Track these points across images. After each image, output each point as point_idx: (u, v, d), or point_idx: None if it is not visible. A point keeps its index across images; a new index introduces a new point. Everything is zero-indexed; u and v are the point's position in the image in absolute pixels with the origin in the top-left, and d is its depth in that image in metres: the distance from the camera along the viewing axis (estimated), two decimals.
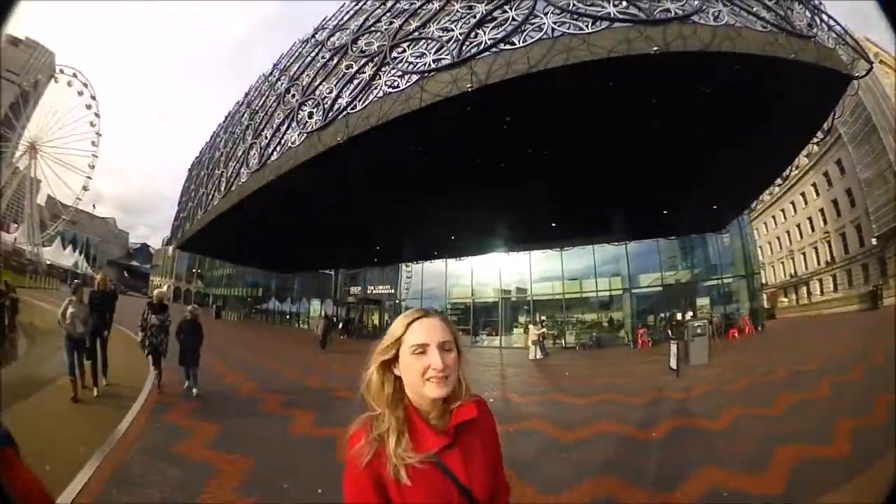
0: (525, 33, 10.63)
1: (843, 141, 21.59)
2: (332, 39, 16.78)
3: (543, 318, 19.99)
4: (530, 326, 18.19)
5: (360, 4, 17.61)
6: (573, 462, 5.87)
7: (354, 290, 27.18)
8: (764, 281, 23.60)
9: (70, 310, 7.64)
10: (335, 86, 13.82)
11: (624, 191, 15.25)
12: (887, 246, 18.06)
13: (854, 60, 12.79)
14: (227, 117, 27.91)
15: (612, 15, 10.38)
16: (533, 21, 10.77)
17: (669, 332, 17.29)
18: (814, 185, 23.28)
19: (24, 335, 14.18)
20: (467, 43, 11.01)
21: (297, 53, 20.16)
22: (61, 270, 47.34)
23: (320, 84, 14.92)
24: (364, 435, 1.15)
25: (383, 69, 12.43)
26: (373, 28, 14.65)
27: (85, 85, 43.01)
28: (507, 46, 10.51)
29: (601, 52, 9.86)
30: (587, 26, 10.25)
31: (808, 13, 12.19)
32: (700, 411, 8.52)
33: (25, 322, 15.05)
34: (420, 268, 24.77)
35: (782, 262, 24.22)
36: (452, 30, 11.62)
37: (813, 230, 22.37)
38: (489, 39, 10.65)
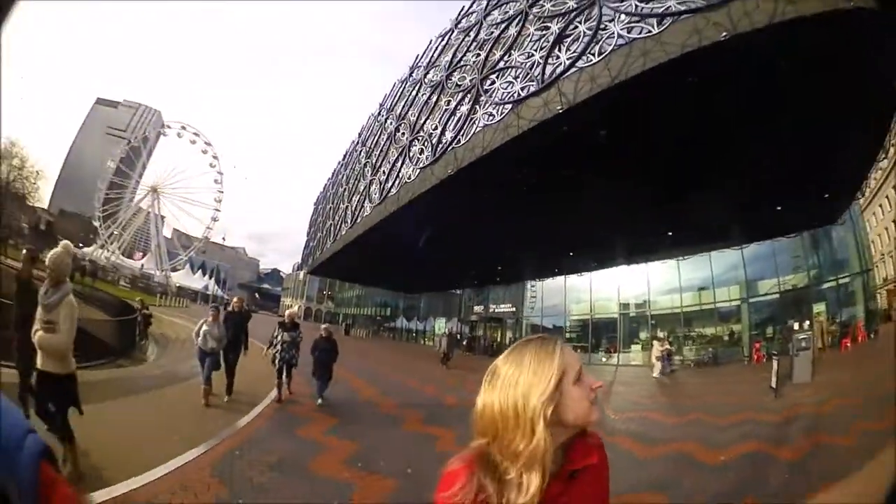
0: (600, 43, 11.09)
1: None
2: (428, 77, 18.80)
3: (665, 333, 19.16)
4: (654, 342, 17.64)
5: (445, 39, 19.55)
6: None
7: (478, 308, 28.09)
8: (884, 276, 21.57)
9: (204, 328, 8.32)
10: (439, 121, 15.66)
11: (732, 189, 14.44)
12: None
13: None
14: (345, 155, 31.72)
15: (673, 9, 10.37)
16: (603, 31, 11.20)
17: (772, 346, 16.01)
18: None
19: (154, 343, 17.90)
20: (549, 64, 11.88)
21: (399, 93, 22.56)
22: (191, 292, 55.35)
23: (426, 121, 16.86)
24: (463, 478, 0.98)
25: (479, 101, 13.80)
26: (462, 62, 16.24)
27: (196, 135, 50.59)
28: (586, 63, 11.07)
29: (675, 51, 9.90)
30: (654, 26, 10.40)
31: None
32: (782, 438, 7.86)
33: (157, 333, 18.97)
34: (541, 285, 25.24)
35: (892, 255, 21.72)
36: (533, 54, 12.60)
37: None
38: (568, 59, 11.40)
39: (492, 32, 15.27)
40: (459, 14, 19.65)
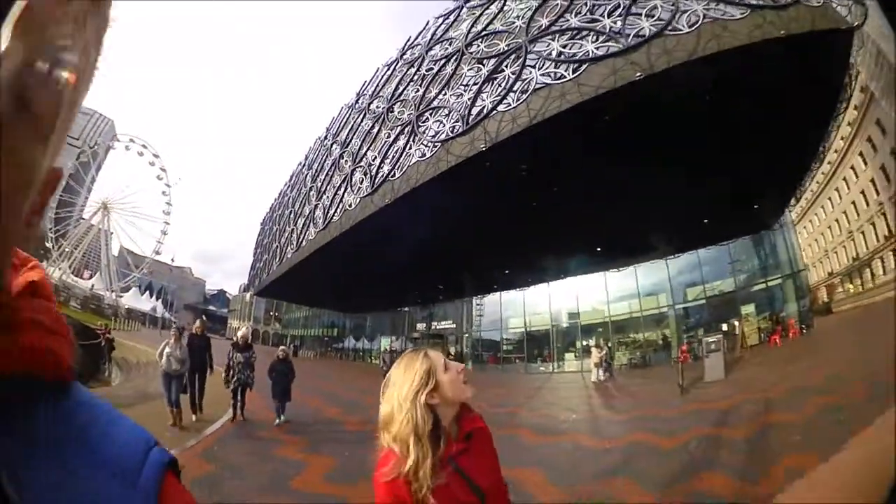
0: (524, 84, 12.21)
1: (876, 98, 20.04)
2: (372, 106, 19.68)
3: (602, 340, 20.17)
4: (592, 349, 18.30)
5: (391, 69, 20.47)
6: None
7: (420, 326, 29.13)
8: (819, 276, 22.29)
9: (167, 350, 8.35)
10: (378, 152, 16.54)
11: (660, 206, 15.73)
12: None
13: (851, 5, 11.72)
14: (291, 177, 31.90)
15: (591, 54, 11.51)
16: (527, 75, 12.32)
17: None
18: (861, 154, 21.68)
19: (118, 368, 17.79)
20: (476, 105, 13.00)
21: (345, 119, 23.34)
22: (140, 314, 53.33)
23: (367, 151, 17.74)
24: (394, 458, 1.32)
25: (414, 138, 14.82)
26: (402, 96, 17.26)
27: (144, 146, 49.09)
28: (504, 107, 12.17)
29: (590, 92, 10.99)
30: (569, 72, 11.55)
31: None
32: (664, 431, 8.50)
33: (118, 357, 18.73)
34: (481, 301, 26.49)
35: (843, 246, 22.99)
36: (463, 94, 13.76)
37: (868, 205, 21.02)
38: (491, 101, 12.48)
39: (431, 68, 16.37)
40: (405, 45, 20.73)
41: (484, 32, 14.85)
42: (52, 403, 0.42)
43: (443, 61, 15.91)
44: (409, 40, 20.97)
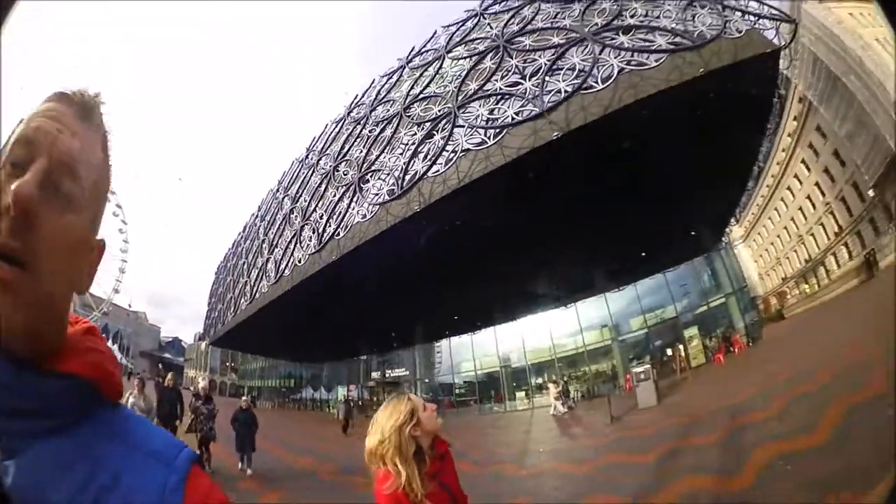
0: (455, 146, 13.43)
1: (814, 105, 21.29)
2: (320, 163, 20.65)
3: (557, 376, 20.98)
4: (550, 385, 19.28)
5: (338, 126, 21.45)
6: None
7: (375, 374, 29.65)
8: (773, 283, 23.49)
9: (131, 400, 8.26)
10: (325, 211, 17.41)
11: (599, 243, 16.66)
12: (885, 189, 17.16)
13: (779, 25, 12.55)
14: (245, 227, 32.21)
15: (512, 119, 12.57)
16: (454, 140, 13.56)
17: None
18: (803, 161, 22.90)
19: None
20: (409, 172, 14.12)
21: (296, 173, 24.17)
22: None
23: (315, 208, 18.61)
24: (389, 477, 1.77)
25: (356, 198, 15.83)
26: (347, 156, 18.27)
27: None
28: (434, 172, 13.34)
29: (512, 153, 12.08)
30: (490, 137, 12.74)
31: (709, 11, 12.40)
32: (575, 458, 9.57)
33: None
34: (432, 348, 27.26)
35: (795, 251, 23.80)
36: (399, 158, 15.11)
37: (815, 207, 22.00)
38: (423, 166, 13.69)
39: (373, 130, 17.51)
40: (352, 102, 21.85)
41: (421, 95, 16.10)
42: (111, 408, 0.61)
43: (384, 123, 17.05)
44: (355, 97, 22.02)
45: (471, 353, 25.01)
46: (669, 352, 19.42)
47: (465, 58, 15.84)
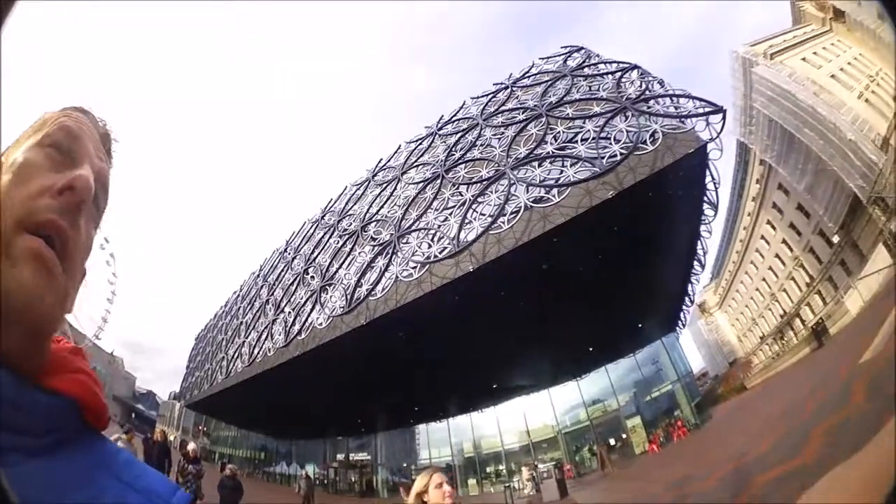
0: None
1: (773, 167, 22.49)
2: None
3: (528, 460, 21.14)
4: (523, 468, 19.69)
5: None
6: None
7: (339, 456, 30.27)
8: (752, 343, 25.04)
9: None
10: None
11: (547, 343, 16.96)
12: (851, 229, 17.60)
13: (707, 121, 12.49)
14: (242, 286, 31.46)
15: (434, 257, 13.74)
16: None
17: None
18: (768, 221, 24.29)
19: None
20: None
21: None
22: None
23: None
24: None
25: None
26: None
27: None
28: None
29: (438, 282, 13.20)
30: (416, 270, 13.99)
31: (627, 126, 12.84)
32: None
33: None
34: (391, 436, 27.78)
35: (769, 309, 25.02)
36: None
37: (784, 264, 23.07)
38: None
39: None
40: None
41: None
42: (99, 438, 0.55)
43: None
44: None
45: (426, 440, 26.24)
46: (612, 441, 20.04)
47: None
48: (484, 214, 13.77)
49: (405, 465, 26.63)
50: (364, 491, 26.89)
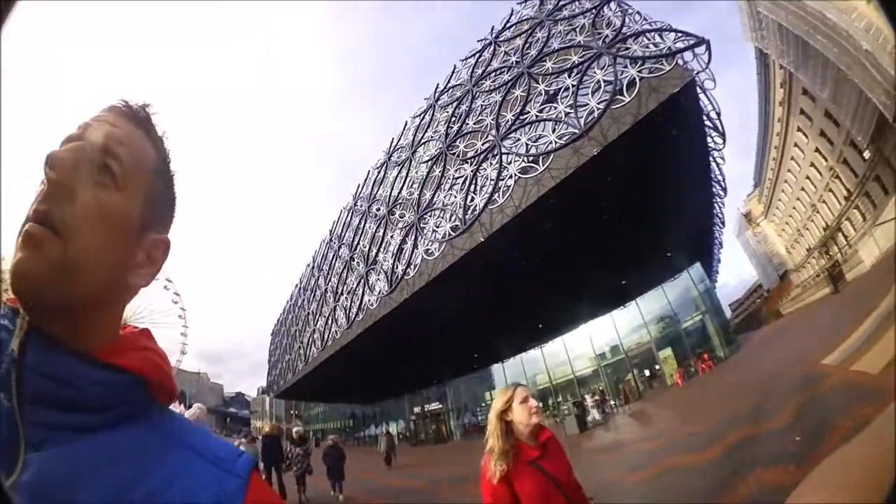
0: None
1: (792, 72, 21.46)
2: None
3: (586, 391, 21.87)
4: (586, 396, 19.51)
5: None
6: None
7: (416, 409, 32.60)
8: (800, 255, 24.71)
9: (241, 449, 10.37)
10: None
11: (581, 278, 17.41)
12: (881, 145, 16.70)
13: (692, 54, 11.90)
14: (301, 279, 34.52)
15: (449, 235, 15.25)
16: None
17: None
18: (799, 128, 23.27)
19: None
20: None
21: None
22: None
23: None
24: (490, 458, 1.94)
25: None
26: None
27: (168, 280, 51.02)
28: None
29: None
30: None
31: (604, 75, 12.59)
32: None
33: None
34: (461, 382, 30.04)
35: (812, 220, 24.54)
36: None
37: (821, 174, 22.24)
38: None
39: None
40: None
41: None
42: (165, 411, 0.61)
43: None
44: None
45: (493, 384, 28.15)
46: (647, 372, 20.68)
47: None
48: (483, 188, 14.76)
49: (477, 408, 28.49)
50: (439, 438, 29.16)
